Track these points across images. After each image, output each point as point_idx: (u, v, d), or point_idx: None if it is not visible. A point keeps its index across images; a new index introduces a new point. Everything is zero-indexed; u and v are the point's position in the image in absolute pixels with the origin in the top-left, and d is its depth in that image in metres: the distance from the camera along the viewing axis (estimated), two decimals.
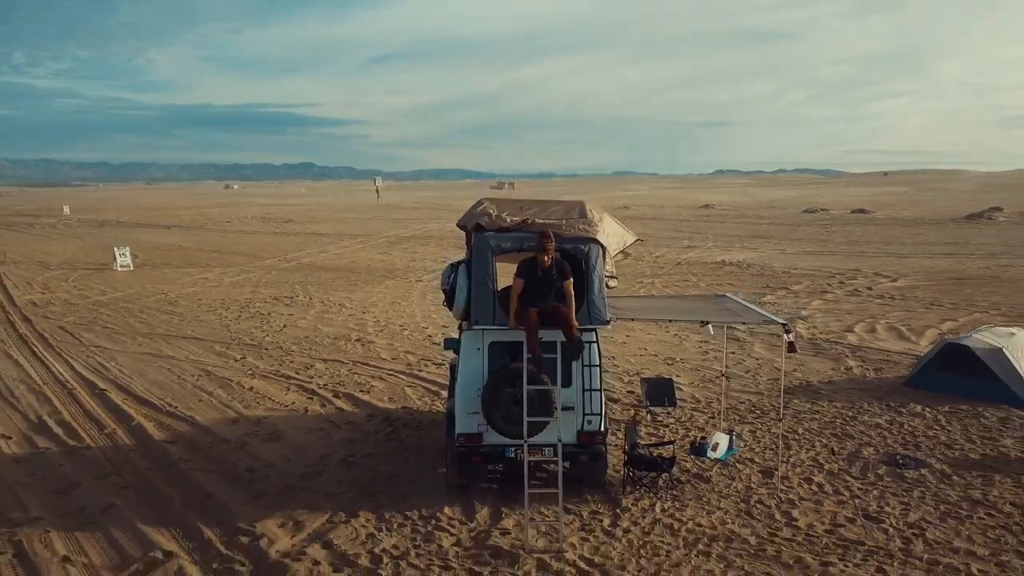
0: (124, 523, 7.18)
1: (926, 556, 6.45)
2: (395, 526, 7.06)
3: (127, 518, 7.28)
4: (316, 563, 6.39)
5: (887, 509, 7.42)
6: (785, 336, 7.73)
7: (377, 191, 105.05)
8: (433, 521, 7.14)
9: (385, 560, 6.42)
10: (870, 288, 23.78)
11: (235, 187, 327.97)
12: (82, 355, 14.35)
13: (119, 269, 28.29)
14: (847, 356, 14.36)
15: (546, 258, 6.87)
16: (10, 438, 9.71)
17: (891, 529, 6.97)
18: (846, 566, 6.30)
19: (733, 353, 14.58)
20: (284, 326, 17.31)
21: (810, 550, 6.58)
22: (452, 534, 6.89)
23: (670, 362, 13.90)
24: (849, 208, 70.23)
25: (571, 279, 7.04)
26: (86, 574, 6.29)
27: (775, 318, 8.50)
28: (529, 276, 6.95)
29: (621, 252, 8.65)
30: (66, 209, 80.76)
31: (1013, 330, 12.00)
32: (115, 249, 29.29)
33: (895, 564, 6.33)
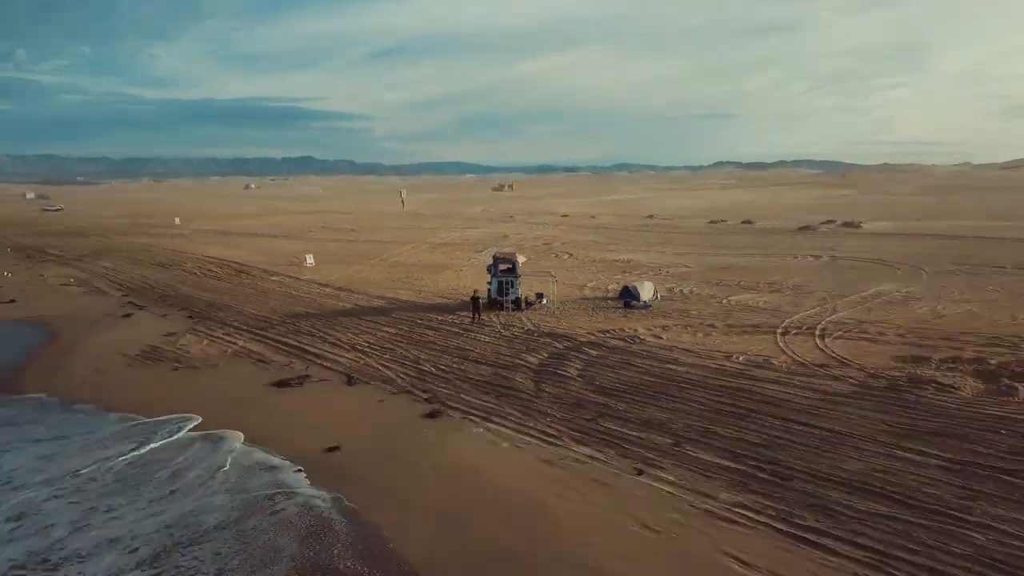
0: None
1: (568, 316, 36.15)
2: (457, 318, 36.61)
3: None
4: (452, 315, 36.07)
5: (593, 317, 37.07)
6: (551, 279, 37.46)
7: (403, 202, 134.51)
8: (463, 317, 36.73)
9: (451, 320, 35.99)
10: (668, 271, 53.18)
11: (252, 186, 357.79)
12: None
13: (307, 266, 57.73)
14: (609, 294, 43.88)
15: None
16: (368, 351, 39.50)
17: (588, 318, 36.63)
18: (579, 318, 35.95)
19: (585, 297, 44.10)
20: (428, 287, 46.89)
21: (555, 317, 36.17)
22: (468, 319, 36.32)
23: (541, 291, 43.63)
24: (759, 216, 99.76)
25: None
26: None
27: (547, 277, 38.26)
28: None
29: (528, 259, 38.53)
30: (177, 220, 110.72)
31: (647, 282, 41.62)
32: (305, 256, 58.81)
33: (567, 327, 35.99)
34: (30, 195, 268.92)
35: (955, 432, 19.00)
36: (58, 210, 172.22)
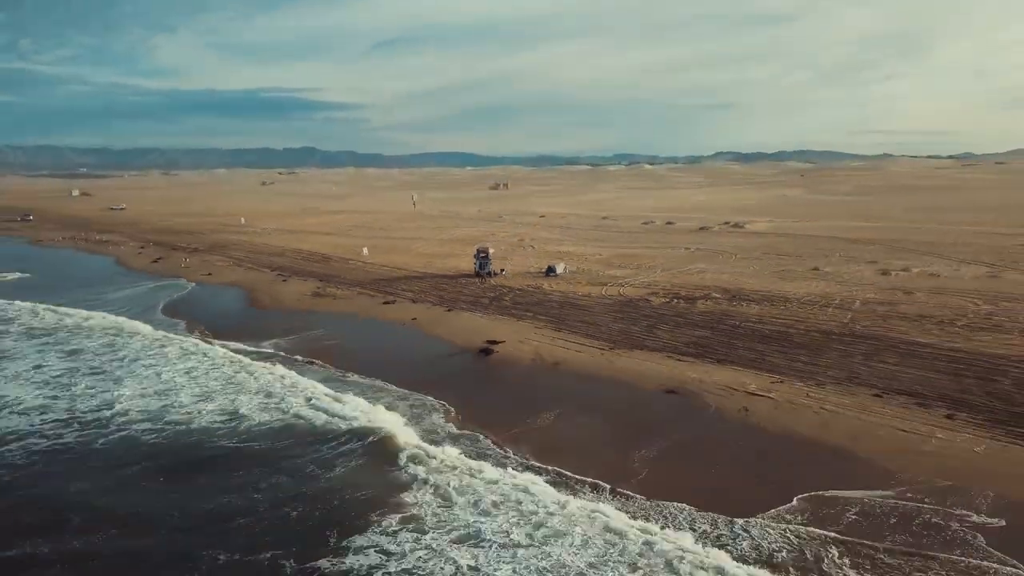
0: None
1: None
2: (458, 280, 73.38)
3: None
4: (456, 280, 72.98)
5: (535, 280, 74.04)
6: (508, 261, 74.43)
7: (414, 203, 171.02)
8: (470, 278, 73.49)
9: (456, 281, 72.82)
10: (587, 257, 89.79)
11: (267, 182, 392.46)
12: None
13: (365, 255, 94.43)
14: (542, 270, 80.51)
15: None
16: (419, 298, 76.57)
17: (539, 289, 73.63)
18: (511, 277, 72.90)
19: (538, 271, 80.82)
20: (441, 266, 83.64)
21: (507, 280, 72.95)
22: (467, 281, 73.21)
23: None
24: (683, 218, 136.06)
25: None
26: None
27: (496, 266, 75.34)
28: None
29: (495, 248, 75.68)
30: (242, 220, 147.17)
31: (562, 263, 78.44)
32: (363, 248, 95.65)
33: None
34: (75, 192, 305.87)
35: (629, 310, 56.09)
36: (122, 209, 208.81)
